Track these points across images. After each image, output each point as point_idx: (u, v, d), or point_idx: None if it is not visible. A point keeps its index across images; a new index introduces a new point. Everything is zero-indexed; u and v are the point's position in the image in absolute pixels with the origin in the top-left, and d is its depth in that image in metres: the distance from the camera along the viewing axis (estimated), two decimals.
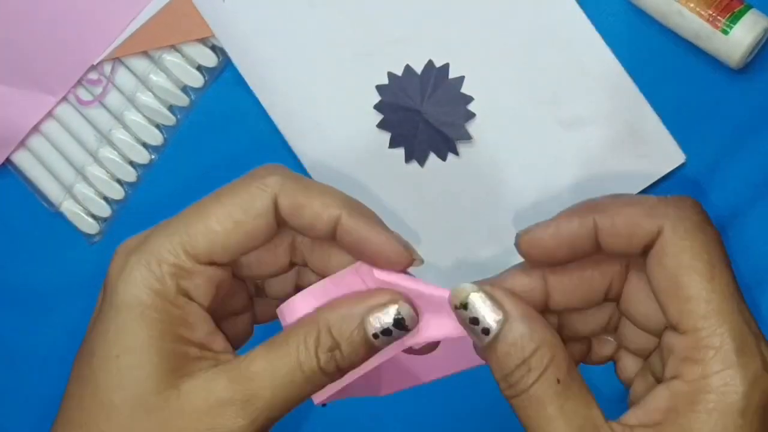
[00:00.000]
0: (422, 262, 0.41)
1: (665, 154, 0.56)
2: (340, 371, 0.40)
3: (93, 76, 0.63)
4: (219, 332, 0.41)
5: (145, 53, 0.62)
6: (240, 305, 0.45)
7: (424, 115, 0.58)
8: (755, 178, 0.56)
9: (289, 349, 0.39)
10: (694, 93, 0.56)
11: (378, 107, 0.59)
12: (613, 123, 0.57)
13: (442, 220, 0.59)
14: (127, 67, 0.62)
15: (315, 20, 0.59)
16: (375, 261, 0.41)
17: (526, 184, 0.58)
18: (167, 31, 0.61)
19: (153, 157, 0.64)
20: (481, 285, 0.39)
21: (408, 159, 0.59)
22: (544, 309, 0.41)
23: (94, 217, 0.64)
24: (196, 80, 0.62)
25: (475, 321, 0.38)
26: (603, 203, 0.39)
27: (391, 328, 0.39)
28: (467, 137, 0.58)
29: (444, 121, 0.58)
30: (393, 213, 0.59)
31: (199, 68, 0.62)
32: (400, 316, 0.39)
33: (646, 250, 0.39)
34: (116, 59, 0.62)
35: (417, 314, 0.40)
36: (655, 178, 0.56)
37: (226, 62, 0.61)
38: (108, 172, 0.64)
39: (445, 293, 0.39)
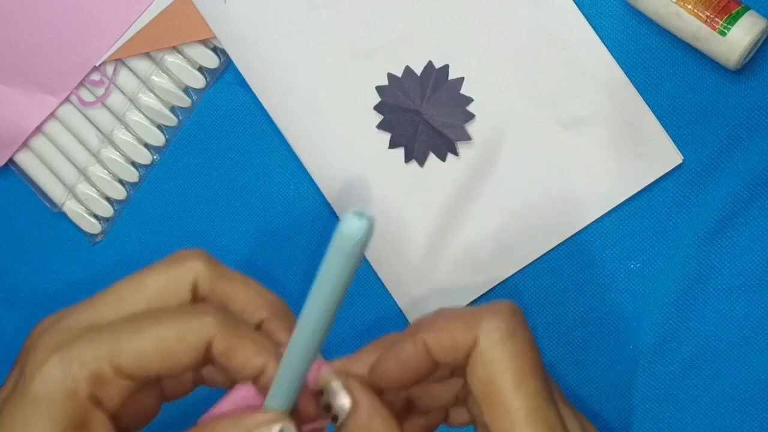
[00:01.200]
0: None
1: (663, 155, 0.57)
2: None
3: (95, 77, 0.63)
4: None
5: (146, 54, 0.62)
6: (148, 410, 0.45)
7: (423, 116, 0.59)
8: (753, 178, 0.56)
9: None
10: (691, 94, 0.57)
11: (378, 108, 0.59)
12: (611, 124, 0.57)
13: (441, 220, 0.59)
14: (129, 69, 0.63)
15: (315, 21, 0.59)
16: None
17: (526, 185, 0.58)
18: (169, 33, 0.61)
19: (155, 157, 0.64)
20: (341, 372, 0.42)
21: (408, 159, 0.59)
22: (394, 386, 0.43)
23: (96, 217, 0.65)
24: (198, 81, 0.62)
25: (328, 407, 0.41)
26: (429, 321, 0.41)
27: None
28: (467, 138, 0.58)
29: (444, 122, 0.58)
30: (393, 213, 0.60)
31: (201, 69, 0.62)
32: None
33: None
34: (118, 60, 0.62)
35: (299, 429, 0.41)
36: (653, 179, 0.57)
37: (227, 63, 0.62)
38: (110, 173, 0.64)
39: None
